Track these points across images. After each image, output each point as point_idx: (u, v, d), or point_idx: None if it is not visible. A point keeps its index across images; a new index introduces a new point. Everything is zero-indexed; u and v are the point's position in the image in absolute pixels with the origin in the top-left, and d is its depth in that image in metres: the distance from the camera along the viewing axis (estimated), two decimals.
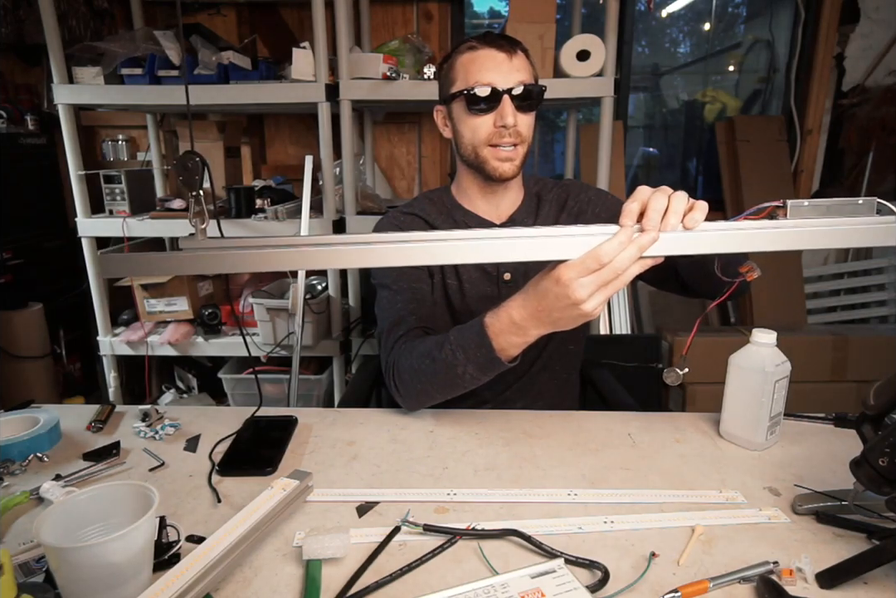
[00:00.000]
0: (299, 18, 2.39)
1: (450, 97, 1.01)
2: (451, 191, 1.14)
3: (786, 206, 0.67)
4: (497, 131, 0.98)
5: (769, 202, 0.68)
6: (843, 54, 2.53)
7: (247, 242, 0.70)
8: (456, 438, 0.89)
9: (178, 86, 1.80)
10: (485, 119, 0.98)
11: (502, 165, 1.00)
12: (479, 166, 1.02)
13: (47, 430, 0.85)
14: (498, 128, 0.98)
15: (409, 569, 0.60)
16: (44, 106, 2.27)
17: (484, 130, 0.99)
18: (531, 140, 1.02)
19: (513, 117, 0.96)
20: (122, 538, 0.52)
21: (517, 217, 1.10)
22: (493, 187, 1.07)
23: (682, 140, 2.92)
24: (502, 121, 0.96)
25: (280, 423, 0.93)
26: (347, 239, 0.69)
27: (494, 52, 0.97)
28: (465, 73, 0.98)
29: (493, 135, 0.98)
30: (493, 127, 0.98)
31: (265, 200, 1.91)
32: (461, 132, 1.02)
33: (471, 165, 1.04)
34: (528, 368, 1.10)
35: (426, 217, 1.10)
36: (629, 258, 0.67)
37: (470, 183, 1.09)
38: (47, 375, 2.10)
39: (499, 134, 0.98)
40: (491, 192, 1.08)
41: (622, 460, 0.82)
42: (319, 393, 2.06)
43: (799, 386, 1.04)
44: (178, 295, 1.97)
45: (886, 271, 2.61)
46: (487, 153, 1.00)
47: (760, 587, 0.57)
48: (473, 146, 1.01)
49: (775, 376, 0.80)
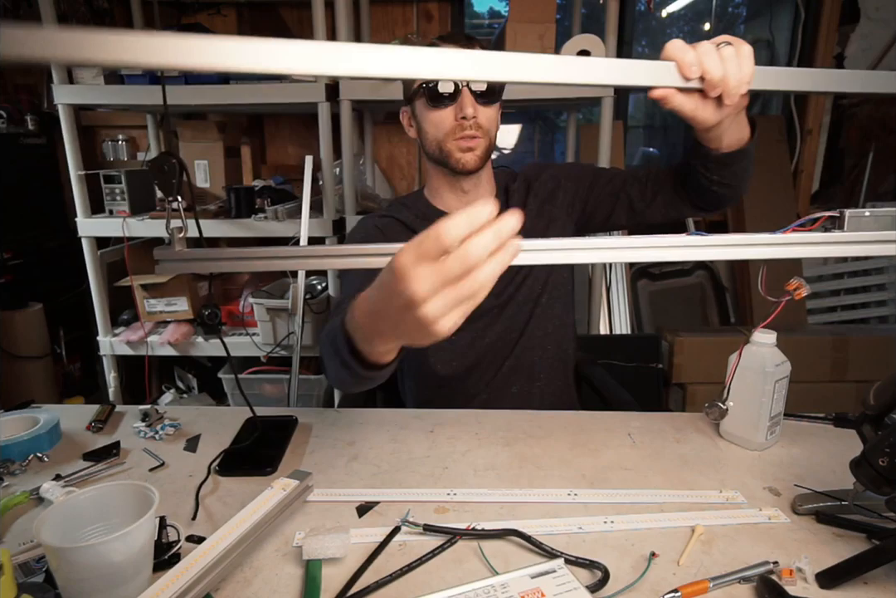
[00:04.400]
0: (299, 18, 2.39)
1: (412, 95, 1.03)
2: (423, 194, 1.15)
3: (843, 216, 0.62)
4: (459, 124, 0.99)
5: (821, 212, 0.63)
6: (843, 54, 2.53)
7: (220, 254, 0.70)
8: (456, 438, 0.89)
9: (178, 86, 1.80)
10: (446, 112, 0.99)
11: (464, 156, 1.01)
12: (444, 160, 1.03)
13: (47, 430, 0.85)
14: (459, 121, 0.99)
15: (409, 569, 0.60)
16: (44, 106, 2.27)
17: (446, 123, 1.00)
18: (494, 134, 1.04)
19: (472, 108, 0.98)
20: (123, 538, 0.52)
21: None
22: (461, 183, 1.07)
23: (682, 140, 2.92)
24: (462, 112, 0.98)
25: (280, 423, 0.93)
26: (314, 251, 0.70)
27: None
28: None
29: (456, 128, 1.00)
30: (454, 120, 0.99)
31: (265, 200, 1.91)
32: (425, 129, 1.03)
33: (436, 161, 1.05)
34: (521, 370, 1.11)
35: (404, 220, 1.11)
36: (483, 247, 0.45)
37: (439, 181, 1.10)
38: (47, 375, 2.09)
39: (461, 127, 0.99)
40: (460, 188, 1.09)
41: (622, 460, 0.82)
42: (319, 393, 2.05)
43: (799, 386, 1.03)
44: (178, 295, 1.97)
45: (886, 271, 2.61)
46: (451, 146, 1.01)
47: (760, 587, 0.57)
48: (437, 140, 1.02)
49: (775, 376, 0.80)
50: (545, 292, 1.11)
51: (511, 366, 1.11)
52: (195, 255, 0.69)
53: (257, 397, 2.03)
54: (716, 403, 0.80)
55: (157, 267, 0.70)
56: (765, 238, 0.64)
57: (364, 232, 1.12)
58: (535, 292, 1.11)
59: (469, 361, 1.10)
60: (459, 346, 1.09)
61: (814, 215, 0.63)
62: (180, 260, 0.69)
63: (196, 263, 0.70)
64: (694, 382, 2.23)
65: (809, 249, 0.64)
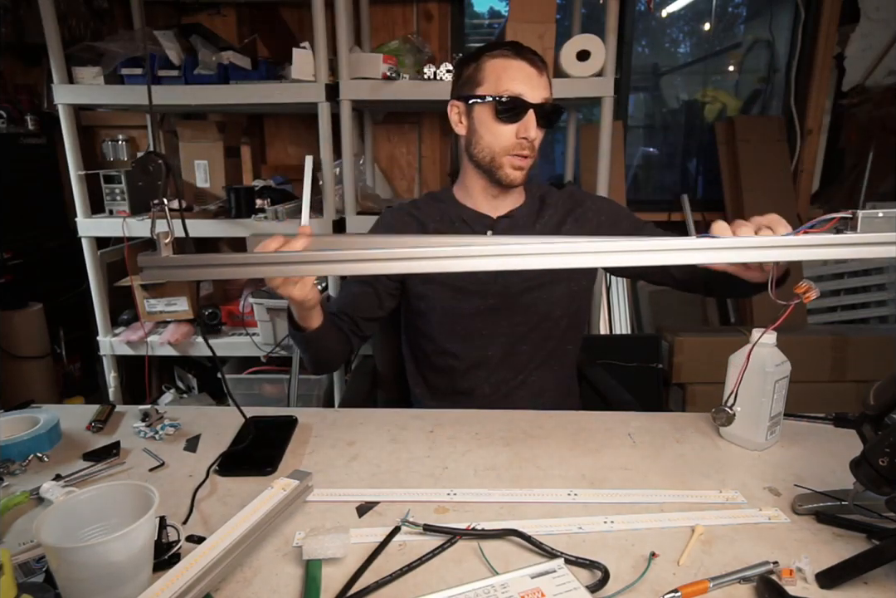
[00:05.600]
0: (299, 18, 2.39)
1: (474, 97, 1.02)
2: (452, 191, 1.16)
3: (856, 217, 0.61)
4: (518, 142, 1.01)
5: (833, 214, 0.62)
6: (843, 54, 2.53)
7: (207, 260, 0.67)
8: (456, 438, 0.89)
9: (178, 86, 1.80)
10: (509, 128, 1.01)
11: (514, 173, 1.04)
12: (492, 171, 1.05)
13: (47, 430, 0.85)
14: (520, 139, 1.01)
15: (409, 569, 0.60)
16: (44, 106, 2.26)
17: (506, 138, 1.01)
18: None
19: (535, 131, 1.00)
20: (123, 538, 0.52)
21: (517, 214, 1.12)
22: (498, 190, 1.09)
23: (682, 140, 2.91)
24: (525, 133, 1.00)
25: (280, 423, 0.93)
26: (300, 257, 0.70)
27: (527, 66, 1.00)
28: (497, 80, 1.00)
29: (515, 145, 1.01)
30: (515, 137, 1.01)
31: (265, 200, 1.91)
32: (481, 134, 1.03)
33: (481, 168, 1.06)
34: (525, 364, 1.13)
35: (422, 218, 1.13)
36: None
37: (474, 183, 1.11)
38: (47, 375, 2.09)
39: (519, 145, 1.01)
40: (493, 194, 1.10)
41: (622, 460, 0.82)
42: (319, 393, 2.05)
43: (799, 386, 1.03)
44: (178, 295, 1.97)
45: (886, 271, 2.61)
46: (505, 161, 1.03)
47: (760, 587, 0.57)
48: (492, 151, 1.03)
49: (775, 376, 0.80)
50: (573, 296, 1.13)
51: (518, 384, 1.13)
52: (181, 261, 0.65)
53: (257, 397, 2.03)
54: (723, 408, 0.80)
55: (142, 274, 0.66)
56: (778, 240, 0.63)
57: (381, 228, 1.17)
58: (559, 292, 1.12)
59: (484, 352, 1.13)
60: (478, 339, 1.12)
61: (825, 217, 0.62)
62: (165, 267, 0.65)
63: (181, 271, 0.66)
64: (694, 382, 2.23)
65: (823, 251, 0.63)
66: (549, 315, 1.11)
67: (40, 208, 2.18)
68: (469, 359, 1.13)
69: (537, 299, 1.10)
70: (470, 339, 1.12)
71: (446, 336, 1.13)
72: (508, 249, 0.65)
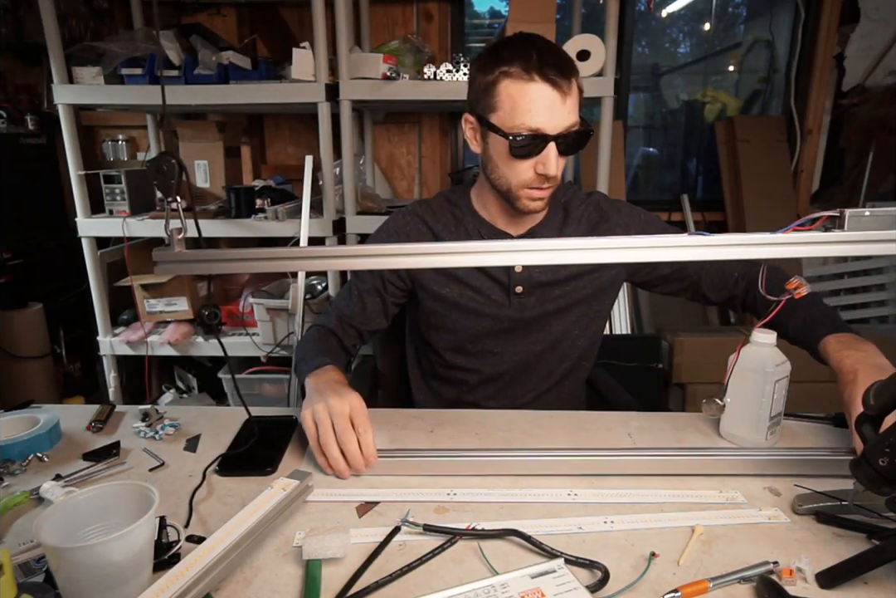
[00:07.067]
0: (299, 18, 2.39)
1: (487, 123, 0.92)
2: (470, 197, 1.08)
3: (843, 216, 0.61)
4: (537, 178, 0.92)
5: (821, 212, 0.62)
6: (843, 54, 2.53)
7: (219, 255, 0.71)
8: (456, 438, 0.89)
9: (178, 86, 1.80)
10: (527, 164, 0.91)
11: (532, 204, 0.96)
12: (509, 199, 0.98)
13: (47, 430, 0.85)
14: (539, 174, 0.92)
15: (409, 569, 0.60)
16: (44, 106, 2.27)
17: (523, 172, 0.92)
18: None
19: (555, 168, 0.90)
20: (123, 538, 0.52)
21: (538, 232, 1.05)
22: (517, 211, 1.01)
23: (682, 140, 2.91)
24: (544, 170, 0.90)
25: (280, 423, 0.93)
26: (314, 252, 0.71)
27: (548, 90, 0.87)
28: (512, 109, 0.88)
29: (533, 180, 0.93)
30: (533, 172, 0.92)
31: (265, 200, 1.91)
32: (497, 164, 0.95)
33: (499, 192, 0.99)
34: (538, 383, 1.12)
35: (437, 229, 1.06)
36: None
37: (492, 200, 1.03)
38: (47, 375, 2.09)
39: (538, 180, 0.93)
40: (512, 214, 1.03)
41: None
42: None
43: (799, 386, 1.03)
44: (178, 295, 1.97)
45: (886, 271, 2.61)
46: (522, 193, 0.95)
47: (760, 587, 0.57)
48: (508, 182, 0.95)
49: (775, 376, 0.80)
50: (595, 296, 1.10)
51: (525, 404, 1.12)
52: (194, 256, 0.69)
53: (257, 397, 2.03)
54: (713, 398, 0.80)
55: (157, 268, 0.70)
56: (766, 238, 0.64)
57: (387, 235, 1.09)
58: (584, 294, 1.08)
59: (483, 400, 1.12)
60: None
61: (814, 215, 0.63)
62: (179, 261, 0.69)
63: (195, 265, 0.70)
64: (694, 382, 2.23)
65: (810, 248, 0.64)
66: (566, 335, 1.08)
67: (40, 208, 2.18)
68: (479, 375, 1.10)
69: (553, 321, 1.06)
70: (482, 356, 1.09)
71: (456, 353, 1.10)
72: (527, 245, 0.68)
